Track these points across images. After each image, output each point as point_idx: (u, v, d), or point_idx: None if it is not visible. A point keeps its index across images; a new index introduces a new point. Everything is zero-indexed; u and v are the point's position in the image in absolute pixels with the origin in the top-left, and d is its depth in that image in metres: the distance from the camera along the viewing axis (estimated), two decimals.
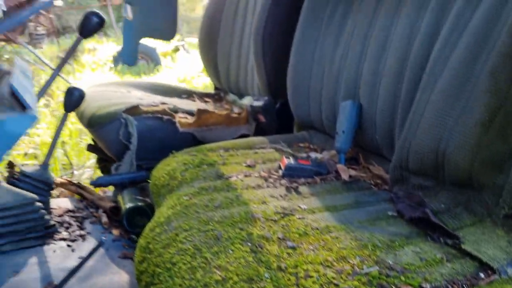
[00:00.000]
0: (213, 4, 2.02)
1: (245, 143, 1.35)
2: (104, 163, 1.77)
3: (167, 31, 1.74)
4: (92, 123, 1.43)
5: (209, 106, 1.87)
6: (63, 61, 1.30)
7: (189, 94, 2.00)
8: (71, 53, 1.28)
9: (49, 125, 3.52)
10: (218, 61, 2.03)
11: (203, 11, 2.05)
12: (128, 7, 1.62)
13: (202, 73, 6.59)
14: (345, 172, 1.10)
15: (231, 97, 1.94)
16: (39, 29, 6.24)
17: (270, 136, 1.41)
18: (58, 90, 4.71)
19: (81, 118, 1.51)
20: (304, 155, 1.24)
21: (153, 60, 6.87)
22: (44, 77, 4.93)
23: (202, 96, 2.03)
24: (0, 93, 0.37)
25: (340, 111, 1.21)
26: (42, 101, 4.40)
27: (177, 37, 10.17)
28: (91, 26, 1.23)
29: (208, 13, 2.03)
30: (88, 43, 8.52)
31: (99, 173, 1.84)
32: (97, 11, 1.23)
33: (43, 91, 1.26)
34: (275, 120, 1.57)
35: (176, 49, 8.55)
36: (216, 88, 2.19)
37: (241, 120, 1.59)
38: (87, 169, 2.14)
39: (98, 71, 6.08)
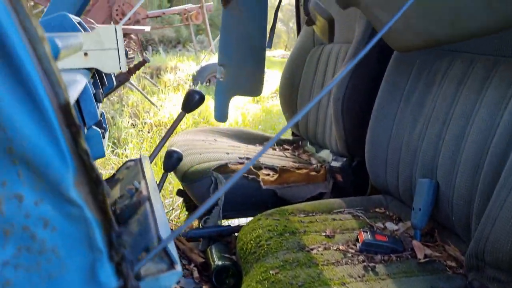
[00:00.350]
0: (294, 59, 2.14)
1: (324, 206, 1.44)
2: (190, 207, 1.95)
3: (256, 88, 1.89)
4: (185, 179, 1.60)
5: (288, 155, 1.99)
6: (169, 133, 1.49)
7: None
8: (175, 127, 1.46)
9: (136, 146, 3.84)
10: (298, 109, 2.15)
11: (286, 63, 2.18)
12: (220, 69, 1.79)
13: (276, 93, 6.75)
14: (421, 251, 1.16)
15: (309, 147, 2.04)
16: (130, 53, 6.76)
17: (346, 198, 1.50)
18: (145, 112, 5.10)
19: (175, 172, 1.69)
20: (380, 225, 1.31)
21: None
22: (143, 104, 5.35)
23: (282, 143, 2.15)
24: (149, 238, 0.46)
25: (417, 187, 1.27)
26: (129, 121, 4.79)
27: None
28: (193, 103, 1.40)
29: (290, 66, 2.16)
30: (171, 61, 9.05)
31: (185, 215, 2.01)
32: (198, 89, 1.39)
33: (153, 156, 1.44)
34: (352, 179, 1.65)
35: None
36: (293, 134, 2.30)
37: (319, 178, 1.69)
38: (175, 210, 2.35)
39: (179, 92, 6.46)
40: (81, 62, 0.91)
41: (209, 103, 5.94)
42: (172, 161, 1.46)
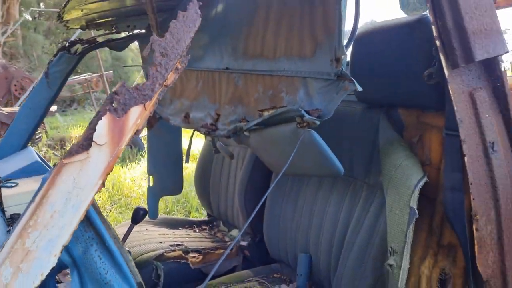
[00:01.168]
0: (205, 155, 2.76)
1: (237, 277, 2.02)
2: None
3: (178, 188, 2.46)
4: None
5: (206, 235, 2.56)
6: (125, 236, 1.99)
7: (190, 224, 2.68)
8: (127, 237, 1.97)
9: None
10: (210, 196, 2.73)
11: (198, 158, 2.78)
12: (150, 178, 2.33)
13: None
14: None
15: (222, 227, 2.63)
16: None
17: (254, 268, 2.09)
18: None
19: None
20: (278, 287, 1.92)
21: (136, 145, 7.50)
22: None
23: (200, 224, 2.72)
24: None
25: (298, 259, 1.91)
26: None
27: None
28: (139, 216, 1.93)
29: (202, 160, 2.76)
30: (74, 130, 9.14)
31: None
32: (143, 207, 1.94)
33: None
34: (257, 253, 2.26)
35: None
36: (208, 215, 2.88)
37: (233, 254, 2.28)
38: None
39: None
40: None
41: (121, 173, 6.30)
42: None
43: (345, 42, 1.25)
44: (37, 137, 6.50)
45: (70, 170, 0.74)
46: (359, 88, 1.17)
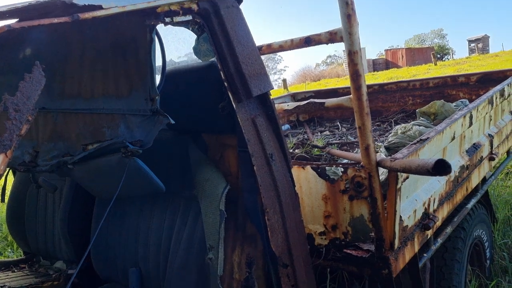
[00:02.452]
0: (15, 192, 2.68)
1: None
2: None
3: None
4: None
5: (28, 272, 2.51)
6: None
7: (6, 266, 2.58)
8: None
9: None
10: (26, 232, 2.67)
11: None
12: None
13: None
14: None
15: (44, 262, 2.61)
16: None
17: None
18: None
19: None
20: None
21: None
22: None
23: (17, 263, 2.63)
24: None
25: (129, 274, 2.10)
26: None
27: None
28: None
29: (13, 197, 2.68)
30: None
31: None
32: None
33: None
34: (86, 279, 2.35)
35: None
36: (25, 253, 2.79)
37: (60, 285, 2.32)
38: None
39: None
40: None
41: None
42: None
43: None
44: None
45: None
46: (172, 121, 1.48)
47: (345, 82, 19.52)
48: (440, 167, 1.32)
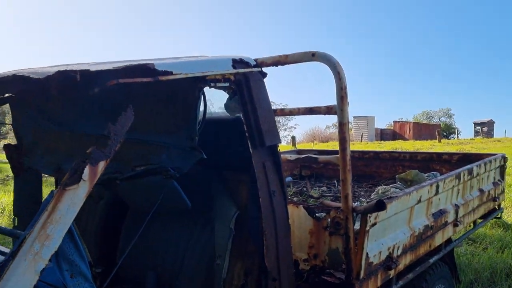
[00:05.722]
0: None
1: None
2: None
3: None
4: None
5: None
6: None
7: None
8: None
9: None
10: None
11: None
12: (15, 219, 2.72)
13: None
14: None
15: None
16: None
17: None
18: None
19: None
20: None
21: None
22: None
23: None
24: None
25: (148, 275, 2.57)
26: None
27: None
28: None
29: None
30: None
31: None
32: None
33: None
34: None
35: None
36: None
37: None
38: None
39: None
40: None
41: None
42: None
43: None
44: None
45: (69, 192, 1.39)
46: (204, 156, 2.04)
47: (352, 147, 20.17)
48: (380, 205, 1.98)
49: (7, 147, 2.95)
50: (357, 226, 2.35)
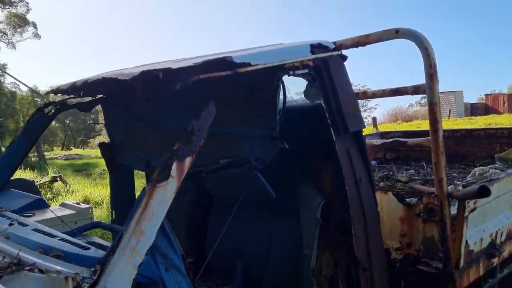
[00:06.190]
0: None
1: None
2: None
3: None
4: None
5: None
6: None
7: None
8: None
9: None
10: None
11: None
12: (113, 212, 2.90)
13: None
14: None
15: None
16: None
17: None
18: None
19: None
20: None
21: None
22: None
23: None
24: None
25: (237, 264, 2.62)
26: None
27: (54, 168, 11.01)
28: None
29: None
30: None
31: None
32: None
33: None
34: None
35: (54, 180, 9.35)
36: None
37: None
38: None
39: None
40: None
41: None
42: None
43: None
44: None
45: (159, 189, 1.44)
46: (287, 146, 2.00)
47: None
48: (482, 191, 1.77)
49: (101, 146, 3.14)
50: (453, 210, 2.19)
